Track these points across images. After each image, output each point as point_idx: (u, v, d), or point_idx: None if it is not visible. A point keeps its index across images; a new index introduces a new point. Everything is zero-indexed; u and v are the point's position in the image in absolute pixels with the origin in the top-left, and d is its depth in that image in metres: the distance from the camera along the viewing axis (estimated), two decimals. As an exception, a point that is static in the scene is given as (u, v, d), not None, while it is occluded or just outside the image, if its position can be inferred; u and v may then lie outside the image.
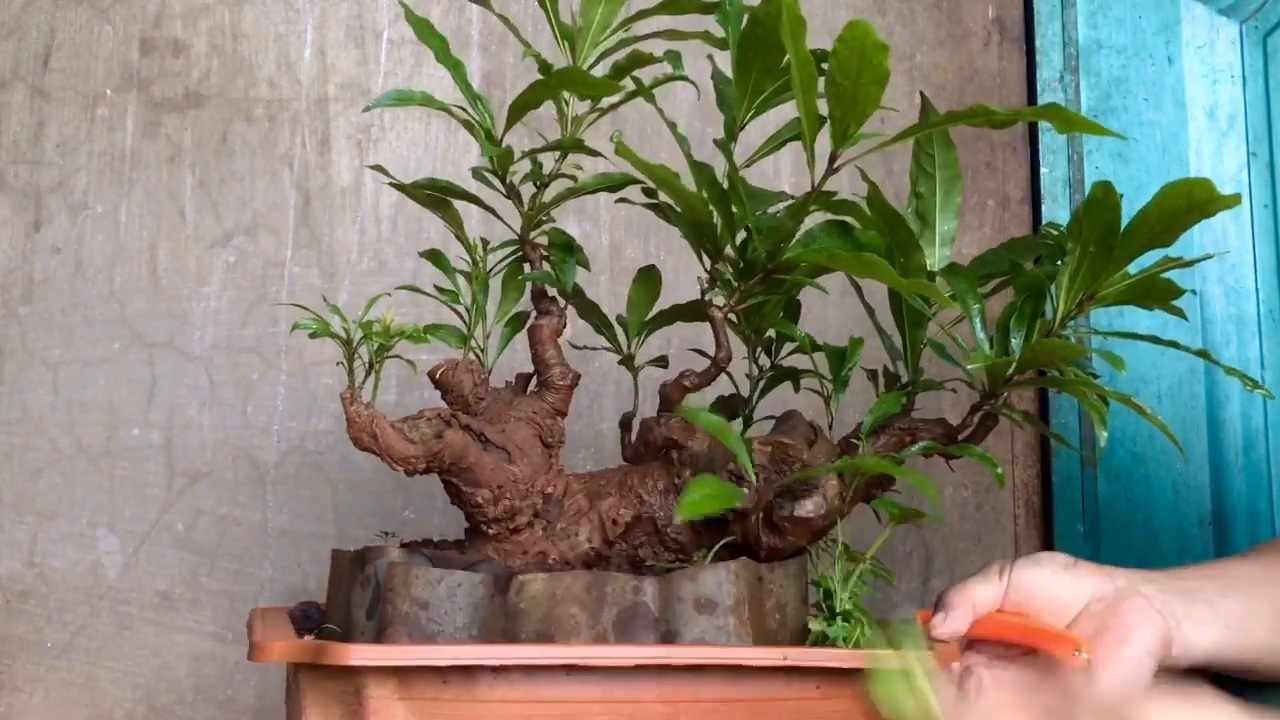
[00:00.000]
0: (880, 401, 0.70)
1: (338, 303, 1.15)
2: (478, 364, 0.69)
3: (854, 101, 0.54)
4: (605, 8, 0.66)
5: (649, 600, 0.60)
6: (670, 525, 0.66)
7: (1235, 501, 1.13)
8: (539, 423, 0.67)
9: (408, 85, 1.18)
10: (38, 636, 1.11)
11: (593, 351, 0.79)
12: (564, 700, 0.56)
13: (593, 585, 0.59)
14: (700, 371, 0.68)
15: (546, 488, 0.67)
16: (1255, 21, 1.21)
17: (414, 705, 0.55)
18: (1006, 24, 1.23)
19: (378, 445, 0.61)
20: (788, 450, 0.66)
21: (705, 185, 0.63)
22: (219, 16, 1.19)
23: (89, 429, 1.13)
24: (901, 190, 1.15)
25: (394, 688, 0.55)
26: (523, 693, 0.56)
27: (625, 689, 0.56)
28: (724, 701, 0.57)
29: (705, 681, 0.57)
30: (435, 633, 0.58)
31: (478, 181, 0.72)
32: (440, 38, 0.69)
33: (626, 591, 0.59)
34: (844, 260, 0.59)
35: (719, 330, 0.66)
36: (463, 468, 0.64)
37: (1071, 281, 0.60)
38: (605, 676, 0.56)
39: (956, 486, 1.13)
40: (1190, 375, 1.14)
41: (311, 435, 1.11)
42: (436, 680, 0.55)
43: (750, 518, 0.66)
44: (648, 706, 0.57)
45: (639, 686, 0.57)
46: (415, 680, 0.55)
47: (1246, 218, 1.18)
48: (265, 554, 1.11)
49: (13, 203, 1.17)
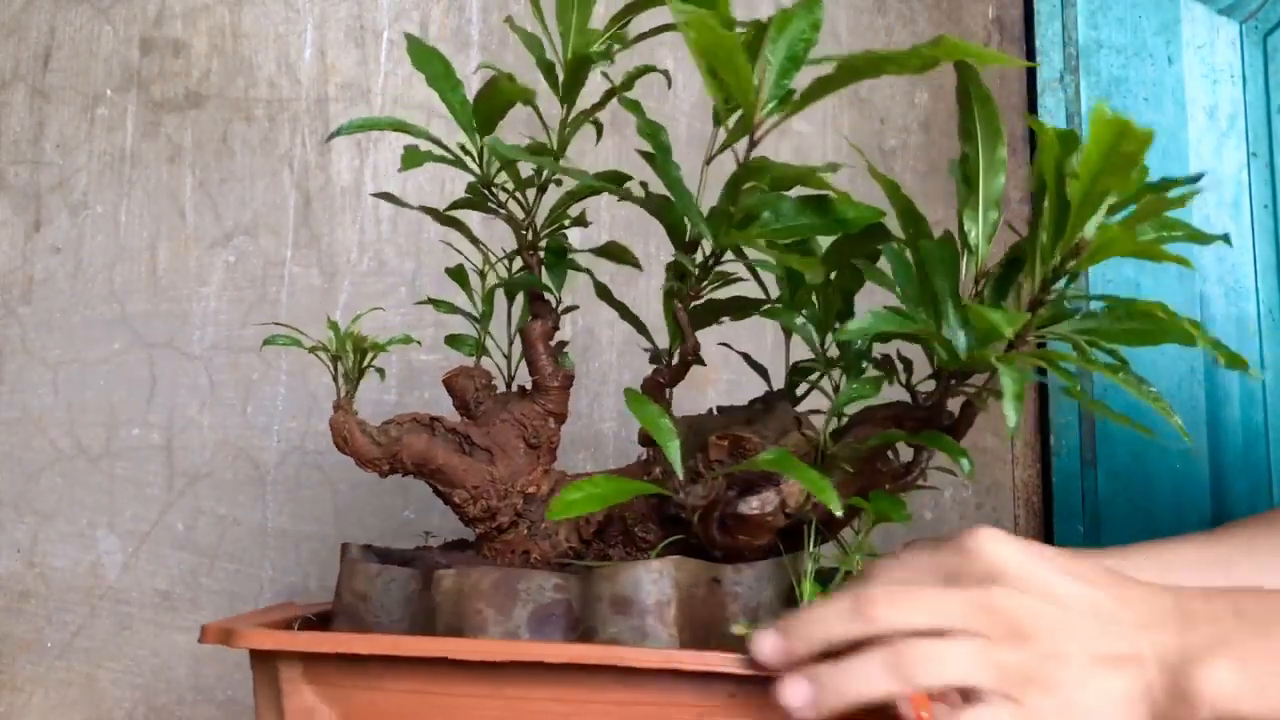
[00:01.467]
0: (852, 387, 0.64)
1: (337, 303, 1.15)
2: (480, 370, 0.71)
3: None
4: (579, 13, 0.64)
5: (572, 599, 0.58)
6: (638, 524, 0.65)
7: (1235, 501, 1.14)
8: (524, 423, 0.67)
9: (407, 85, 1.18)
10: (37, 636, 1.11)
11: (592, 352, 0.79)
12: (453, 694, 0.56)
13: (501, 582, 0.58)
14: (671, 366, 0.68)
15: (528, 488, 0.67)
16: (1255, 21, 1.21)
17: (319, 690, 0.57)
18: (1006, 24, 1.23)
19: (349, 448, 0.65)
20: (743, 444, 0.63)
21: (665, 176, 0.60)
22: (219, 16, 1.19)
23: (89, 429, 1.13)
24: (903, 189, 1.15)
25: (301, 672, 0.57)
26: (412, 684, 0.57)
27: (515, 686, 0.55)
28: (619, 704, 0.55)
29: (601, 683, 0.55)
30: (372, 624, 0.61)
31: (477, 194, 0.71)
32: (441, 62, 0.67)
33: (545, 589, 0.58)
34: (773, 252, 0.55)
35: (681, 323, 0.65)
36: (431, 469, 0.66)
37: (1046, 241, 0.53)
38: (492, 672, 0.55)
39: (957, 486, 1.13)
40: (1190, 375, 1.14)
41: (311, 435, 1.11)
42: (335, 667, 0.57)
43: (698, 515, 0.62)
44: (540, 704, 0.55)
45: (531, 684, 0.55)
46: (319, 666, 0.57)
47: (1246, 218, 1.18)
48: (265, 554, 1.11)
49: (13, 203, 1.17)
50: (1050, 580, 0.52)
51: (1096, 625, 0.51)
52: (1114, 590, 0.53)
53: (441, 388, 0.71)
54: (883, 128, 1.17)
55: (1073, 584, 0.52)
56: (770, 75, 0.54)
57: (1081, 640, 0.51)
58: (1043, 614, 0.51)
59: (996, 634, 0.50)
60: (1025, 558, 0.53)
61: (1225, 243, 0.58)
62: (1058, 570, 0.53)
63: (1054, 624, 0.51)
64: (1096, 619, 0.52)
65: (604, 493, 0.57)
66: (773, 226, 0.59)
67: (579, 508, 0.56)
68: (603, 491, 0.57)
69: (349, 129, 0.64)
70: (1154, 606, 0.53)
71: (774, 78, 0.54)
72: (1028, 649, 0.50)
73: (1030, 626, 0.50)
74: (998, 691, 0.49)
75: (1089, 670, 0.50)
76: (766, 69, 0.54)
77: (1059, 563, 0.53)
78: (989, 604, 0.51)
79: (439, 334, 1.13)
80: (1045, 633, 0.50)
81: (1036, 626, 0.51)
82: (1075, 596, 0.52)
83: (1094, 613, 0.52)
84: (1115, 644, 0.51)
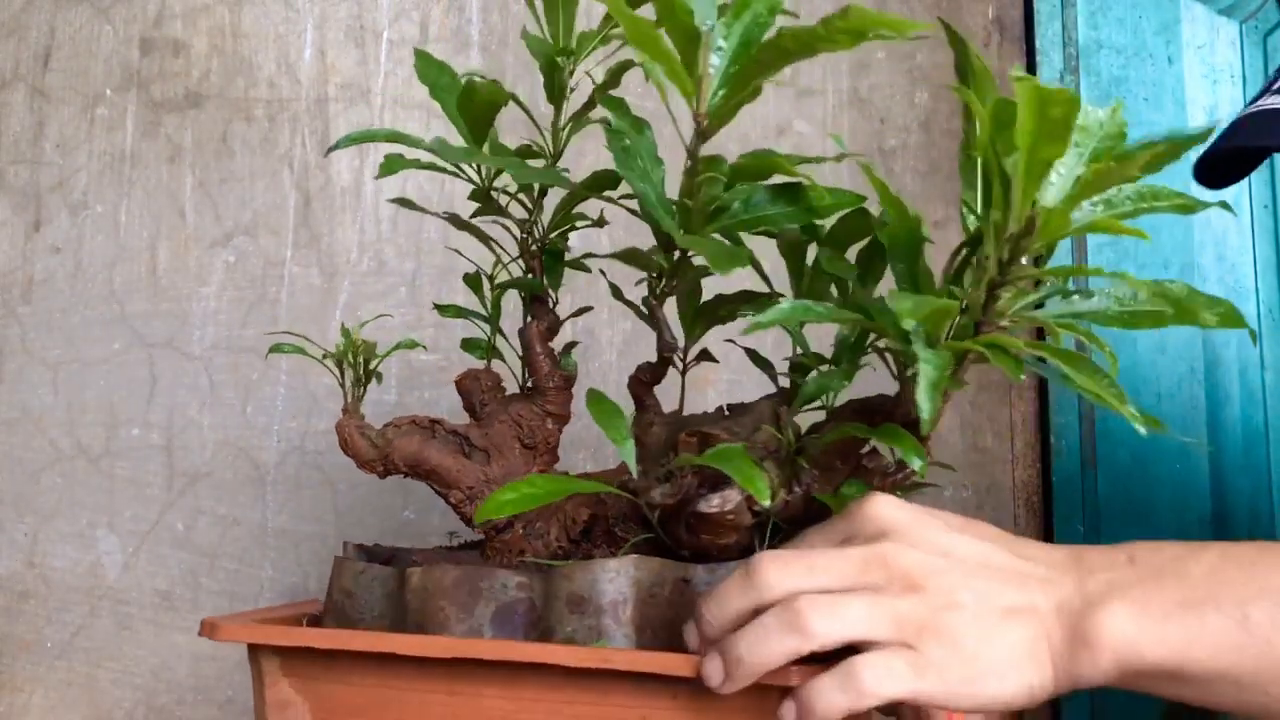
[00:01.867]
0: (818, 379, 0.62)
1: (337, 303, 1.16)
2: (488, 373, 0.71)
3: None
4: (564, 13, 0.63)
5: (535, 597, 0.58)
6: (619, 524, 0.65)
7: (1236, 501, 1.13)
8: (520, 424, 0.68)
9: (407, 86, 1.18)
10: (37, 636, 1.11)
11: (592, 351, 0.79)
12: (411, 689, 0.57)
13: (463, 580, 0.58)
14: (653, 364, 0.67)
15: None
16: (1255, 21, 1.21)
17: (294, 683, 0.59)
18: (1006, 24, 1.23)
19: (349, 450, 0.67)
20: (709, 441, 0.62)
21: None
22: (219, 16, 1.19)
23: (89, 429, 1.13)
24: (902, 190, 1.15)
25: (279, 665, 0.59)
26: (375, 679, 0.58)
27: (468, 683, 0.56)
28: (567, 703, 0.55)
29: (551, 682, 0.55)
30: (356, 620, 0.61)
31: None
32: (449, 74, 0.65)
33: (508, 587, 0.58)
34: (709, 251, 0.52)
35: (656, 319, 0.64)
36: (425, 470, 0.66)
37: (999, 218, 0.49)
38: (446, 669, 0.56)
39: (957, 487, 1.13)
40: (1190, 375, 1.14)
41: (311, 435, 1.11)
42: (307, 661, 0.59)
43: (668, 514, 0.61)
44: (490, 701, 0.56)
45: (482, 682, 0.56)
46: (293, 660, 0.59)
47: (1246, 218, 1.18)
48: (265, 554, 1.11)
49: (13, 203, 1.17)
50: (941, 537, 0.52)
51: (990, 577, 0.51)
52: (1008, 545, 0.53)
53: (441, 388, 0.72)
54: (883, 127, 1.17)
55: (965, 539, 0.52)
56: (721, 62, 0.52)
57: (975, 591, 0.50)
58: (935, 566, 0.51)
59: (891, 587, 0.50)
60: (915, 517, 0.53)
61: (1225, 209, 0.56)
62: (948, 528, 0.53)
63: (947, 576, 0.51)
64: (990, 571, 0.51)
65: (538, 493, 0.57)
66: (741, 217, 0.57)
67: (509, 508, 0.56)
68: (537, 492, 0.57)
69: (347, 142, 0.64)
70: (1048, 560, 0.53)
71: (724, 65, 0.52)
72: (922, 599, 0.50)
73: (923, 578, 0.50)
74: (895, 641, 0.49)
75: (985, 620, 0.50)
76: (716, 56, 0.52)
77: (952, 521, 0.53)
78: (881, 558, 0.51)
79: (438, 334, 1.13)
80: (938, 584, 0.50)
81: (929, 578, 0.50)
82: (967, 550, 0.52)
83: (987, 566, 0.52)
84: (1010, 595, 0.51)
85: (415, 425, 0.67)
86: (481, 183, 0.67)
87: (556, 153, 0.67)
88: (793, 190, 0.57)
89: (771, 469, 0.60)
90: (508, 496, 0.56)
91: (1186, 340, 1.13)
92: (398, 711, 0.57)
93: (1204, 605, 0.49)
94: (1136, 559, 0.52)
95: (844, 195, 0.58)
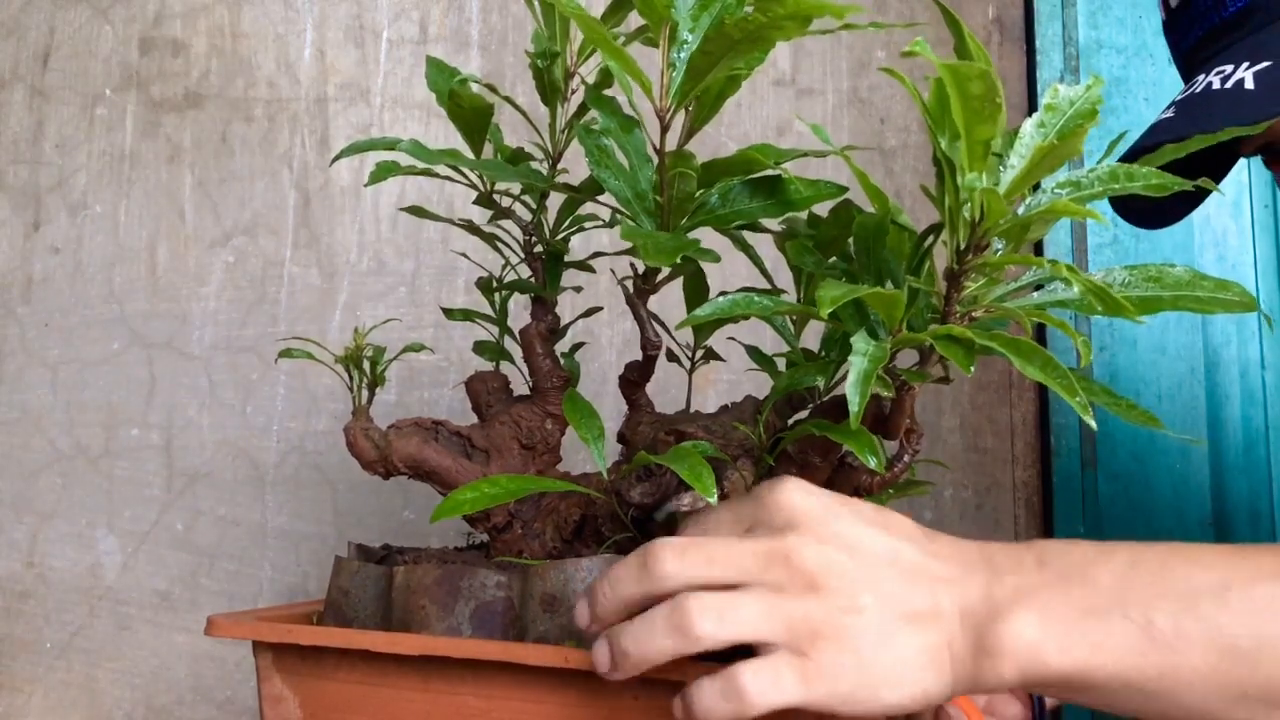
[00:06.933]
0: (788, 375, 0.60)
1: (337, 303, 1.15)
2: (496, 375, 0.72)
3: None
4: (559, 16, 0.63)
5: (514, 596, 0.58)
6: (605, 524, 0.65)
7: (1236, 501, 1.13)
8: (519, 425, 0.68)
9: (407, 86, 1.18)
10: (37, 637, 1.10)
11: (592, 351, 0.79)
12: (390, 686, 0.58)
13: (443, 579, 0.58)
14: (640, 362, 0.67)
15: None
16: (1255, 21, 1.21)
17: (285, 679, 0.61)
18: (1007, 24, 1.23)
19: (353, 452, 0.68)
20: (686, 439, 0.61)
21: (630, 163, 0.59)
22: (218, 16, 1.19)
23: (88, 429, 1.13)
24: (902, 190, 1.15)
25: (272, 660, 0.61)
26: (357, 676, 0.59)
27: (442, 681, 0.56)
28: (536, 702, 0.55)
29: (517, 680, 0.55)
30: (351, 618, 0.62)
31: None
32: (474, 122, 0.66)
33: (487, 586, 0.58)
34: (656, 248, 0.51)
35: (639, 316, 0.64)
36: (425, 471, 0.67)
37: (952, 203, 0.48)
38: (421, 667, 0.56)
39: (957, 487, 1.13)
40: (1190, 376, 1.14)
41: (311, 435, 1.11)
42: (297, 657, 0.60)
43: (643, 513, 0.61)
44: (462, 699, 0.56)
45: (455, 680, 0.56)
46: (284, 656, 0.60)
47: (1246, 218, 1.18)
48: (264, 554, 1.11)
49: (12, 203, 1.17)
50: (850, 530, 0.50)
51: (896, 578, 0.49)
52: (919, 543, 0.51)
53: (440, 388, 0.72)
54: (883, 127, 1.17)
55: (875, 534, 0.50)
56: (685, 55, 0.51)
57: (879, 593, 0.48)
58: (838, 564, 0.48)
59: (791, 587, 0.48)
60: (826, 507, 0.50)
61: (1214, 190, 0.54)
62: (860, 520, 0.50)
63: (850, 575, 0.48)
64: (896, 571, 0.49)
65: (499, 492, 0.56)
66: (719, 212, 0.57)
67: (466, 507, 0.56)
68: (498, 491, 0.56)
69: (348, 152, 0.64)
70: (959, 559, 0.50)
71: (687, 57, 0.51)
72: (821, 601, 0.48)
73: (825, 578, 0.48)
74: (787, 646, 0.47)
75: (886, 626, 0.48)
76: (681, 50, 0.51)
77: (864, 513, 0.51)
78: (783, 553, 0.49)
79: (438, 335, 1.13)
80: (840, 584, 0.48)
81: (830, 577, 0.48)
82: (876, 547, 0.50)
83: (894, 564, 0.49)
84: (915, 598, 0.49)
85: (417, 427, 0.68)
86: (483, 187, 0.67)
87: (556, 154, 0.67)
88: (771, 183, 0.57)
89: (746, 466, 0.60)
90: (466, 496, 0.56)
91: (1187, 340, 1.13)
92: (377, 707, 0.58)
93: (1109, 612, 0.48)
94: (1046, 561, 0.50)
95: (824, 187, 0.57)
